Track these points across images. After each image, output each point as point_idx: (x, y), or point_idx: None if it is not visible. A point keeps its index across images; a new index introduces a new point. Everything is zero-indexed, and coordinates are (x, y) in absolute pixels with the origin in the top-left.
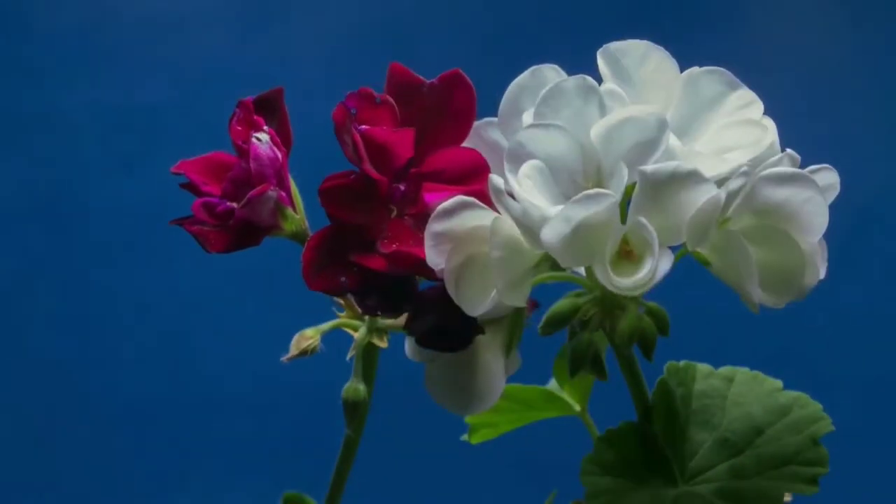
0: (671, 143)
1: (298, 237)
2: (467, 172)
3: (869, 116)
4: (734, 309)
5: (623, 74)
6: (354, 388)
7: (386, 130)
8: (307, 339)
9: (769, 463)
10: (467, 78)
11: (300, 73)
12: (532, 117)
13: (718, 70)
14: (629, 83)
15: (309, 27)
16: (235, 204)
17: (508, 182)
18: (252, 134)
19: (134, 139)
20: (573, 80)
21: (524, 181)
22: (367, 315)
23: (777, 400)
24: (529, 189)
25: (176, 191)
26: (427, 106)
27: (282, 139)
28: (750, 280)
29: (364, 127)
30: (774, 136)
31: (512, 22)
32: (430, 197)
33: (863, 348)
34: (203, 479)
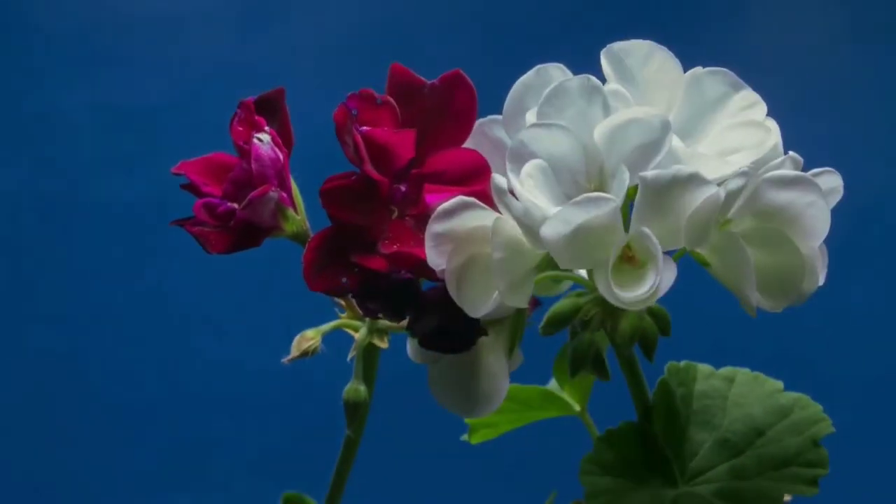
0: (674, 145)
1: (299, 238)
2: (468, 173)
3: (869, 117)
4: (735, 309)
5: (626, 74)
6: (355, 389)
7: (387, 131)
8: (308, 340)
9: (769, 464)
10: (468, 78)
11: (300, 74)
12: (535, 116)
13: (722, 71)
14: (632, 83)
15: (309, 27)
16: (236, 205)
17: (510, 181)
18: (253, 134)
19: (134, 139)
20: (577, 80)
21: (526, 180)
22: (369, 317)
23: (778, 401)
24: (531, 188)
25: (176, 191)
26: (428, 106)
27: (283, 140)
28: (748, 283)
29: (365, 128)
30: (778, 138)
31: (513, 22)
32: (432, 198)
33: (863, 349)
34: (203, 479)
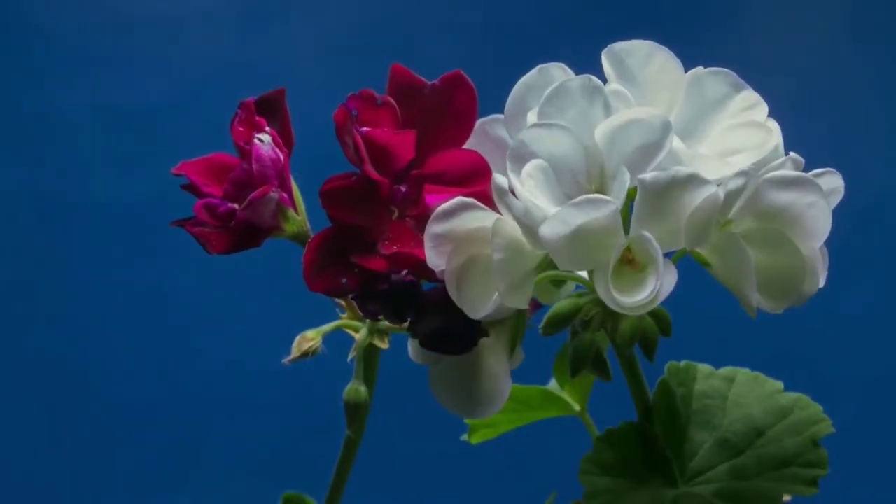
0: (675, 146)
1: (300, 238)
2: (468, 174)
3: (869, 117)
4: (735, 310)
5: (627, 75)
6: (355, 390)
7: (387, 132)
8: (308, 341)
9: (769, 464)
10: (468, 79)
11: (301, 74)
12: (536, 116)
13: (723, 71)
14: (633, 83)
15: (309, 27)
16: (237, 205)
17: (511, 181)
18: (254, 135)
19: (134, 139)
20: (578, 80)
21: (526, 180)
22: (369, 319)
23: (778, 401)
24: (531, 188)
25: (176, 191)
26: (428, 107)
27: (283, 140)
28: (748, 284)
29: (365, 128)
30: (779, 139)
31: (514, 22)
32: (432, 198)
33: (863, 350)
34: (202, 479)
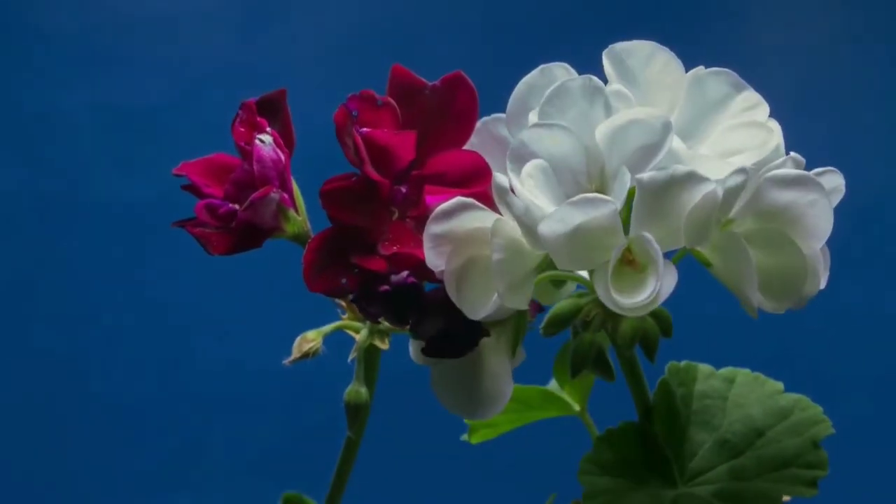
0: (676, 147)
1: (300, 239)
2: (469, 175)
3: (869, 117)
4: (736, 310)
5: (628, 75)
6: (356, 391)
7: (387, 133)
8: (309, 342)
9: (769, 465)
10: (469, 80)
11: (301, 74)
12: (537, 117)
13: (724, 71)
14: (634, 84)
15: (310, 28)
16: (238, 206)
17: (511, 181)
18: (255, 135)
19: (134, 139)
20: (579, 80)
21: (526, 180)
22: (370, 321)
23: (778, 402)
24: (531, 188)
25: (176, 191)
26: (429, 108)
27: (284, 141)
28: (749, 284)
29: (365, 129)
30: (780, 139)
31: (514, 23)
32: (432, 199)
33: (864, 350)
34: (202, 479)
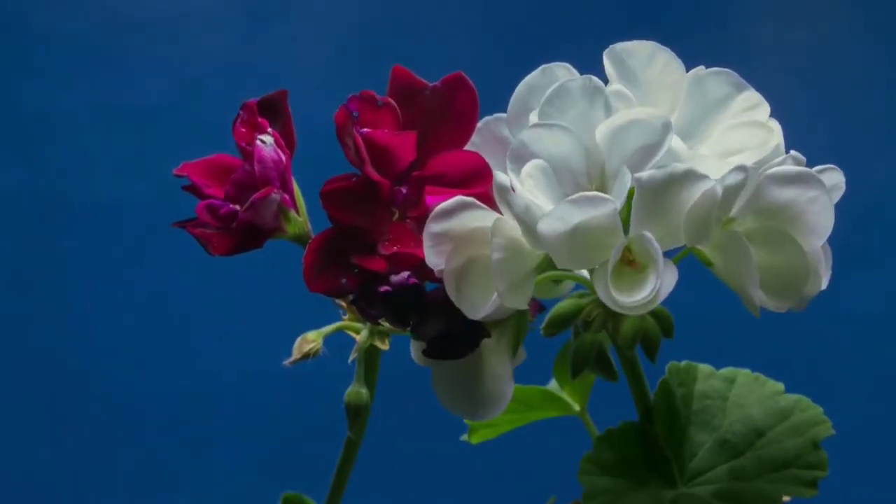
0: (676, 147)
1: (301, 240)
2: (469, 175)
3: (869, 117)
4: (736, 310)
5: (629, 75)
6: (357, 393)
7: (388, 133)
8: (309, 343)
9: (769, 465)
10: (469, 80)
11: (302, 75)
12: (537, 117)
13: (725, 71)
14: (635, 84)
15: (310, 28)
16: (238, 206)
17: (511, 181)
18: (256, 136)
19: (134, 139)
20: (579, 81)
21: (526, 180)
22: (371, 323)
23: (778, 403)
24: (531, 188)
25: (176, 191)
26: (429, 109)
27: (285, 141)
28: (751, 282)
29: (366, 129)
30: (780, 139)
31: (515, 23)
32: (433, 200)
33: (865, 351)
34: (202, 479)
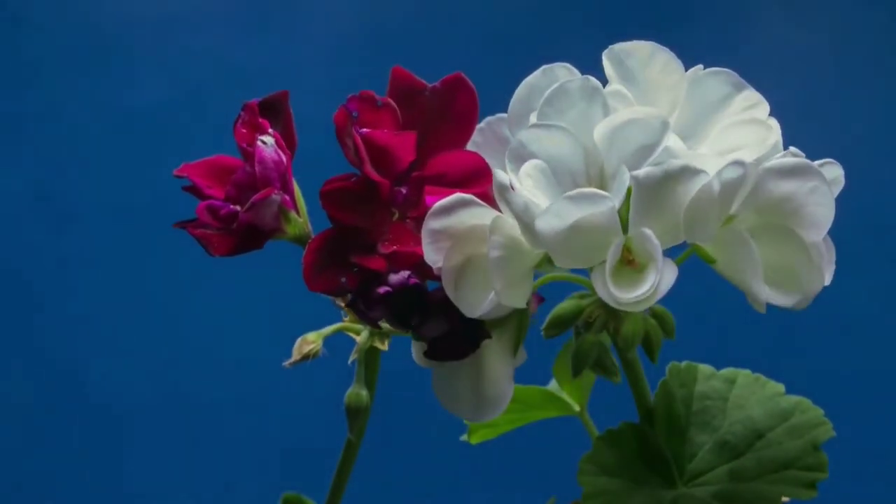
0: (675, 146)
1: (302, 241)
2: (469, 175)
3: (868, 116)
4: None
5: (628, 75)
6: (357, 394)
7: (387, 133)
8: (309, 344)
9: (769, 466)
10: (469, 81)
11: (302, 75)
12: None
13: (724, 71)
14: (634, 84)
15: (311, 28)
16: (239, 207)
17: (511, 180)
18: (257, 137)
19: (134, 139)
20: (577, 81)
21: (525, 180)
22: (371, 326)
23: (779, 404)
24: (530, 188)
25: (176, 191)
26: (429, 109)
27: (286, 142)
28: (754, 277)
29: (365, 130)
30: (779, 136)
31: (515, 24)
32: (432, 200)
33: (866, 352)
34: (203, 480)
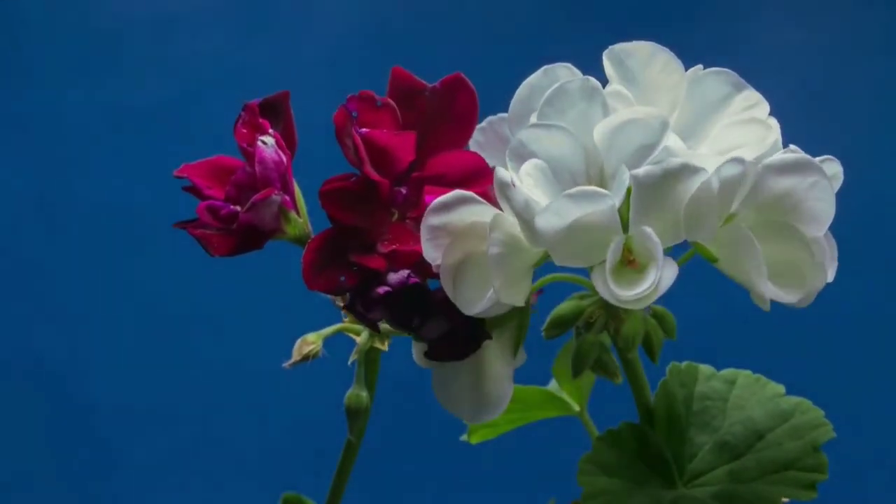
0: (675, 146)
1: (302, 241)
2: (469, 175)
3: (869, 118)
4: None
5: (628, 76)
6: (357, 396)
7: (387, 133)
8: (309, 345)
9: (769, 467)
10: (469, 82)
11: (302, 75)
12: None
13: (724, 71)
14: (634, 84)
15: (311, 29)
16: (239, 207)
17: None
18: (257, 137)
19: (134, 139)
20: (577, 82)
21: (525, 179)
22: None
23: (779, 405)
24: (530, 187)
25: (176, 191)
26: (429, 109)
27: (287, 143)
28: (758, 274)
29: (365, 130)
30: (778, 135)
31: (515, 24)
32: (432, 200)
33: (867, 353)
34: (203, 480)
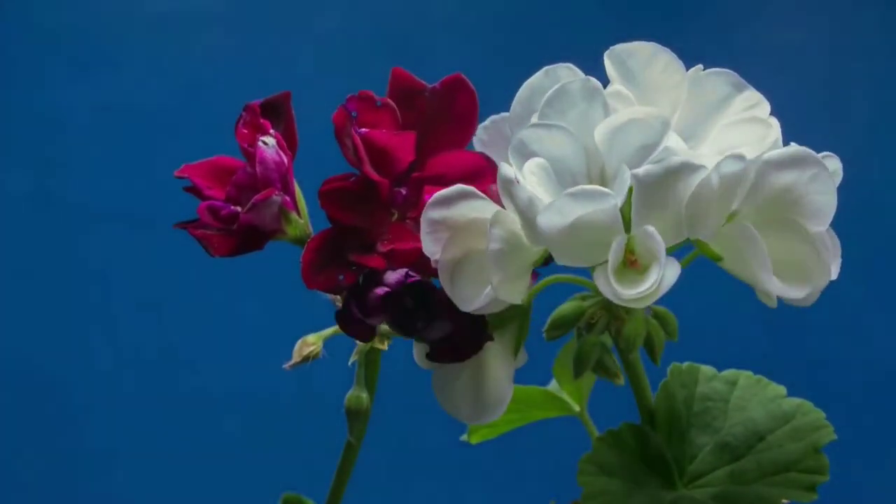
0: (676, 146)
1: (302, 241)
2: (469, 175)
3: (869, 117)
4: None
5: (629, 76)
6: (357, 397)
7: (387, 133)
8: (309, 346)
9: (769, 469)
10: (469, 82)
11: (303, 75)
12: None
13: (725, 71)
14: (635, 85)
15: (311, 29)
16: (239, 208)
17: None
18: (258, 137)
19: (134, 139)
20: (578, 82)
21: (528, 177)
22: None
23: (780, 406)
24: (533, 185)
25: (176, 191)
26: (429, 110)
27: (288, 143)
28: (764, 270)
29: (364, 130)
30: (778, 134)
31: (515, 25)
32: None
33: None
34: (203, 480)
